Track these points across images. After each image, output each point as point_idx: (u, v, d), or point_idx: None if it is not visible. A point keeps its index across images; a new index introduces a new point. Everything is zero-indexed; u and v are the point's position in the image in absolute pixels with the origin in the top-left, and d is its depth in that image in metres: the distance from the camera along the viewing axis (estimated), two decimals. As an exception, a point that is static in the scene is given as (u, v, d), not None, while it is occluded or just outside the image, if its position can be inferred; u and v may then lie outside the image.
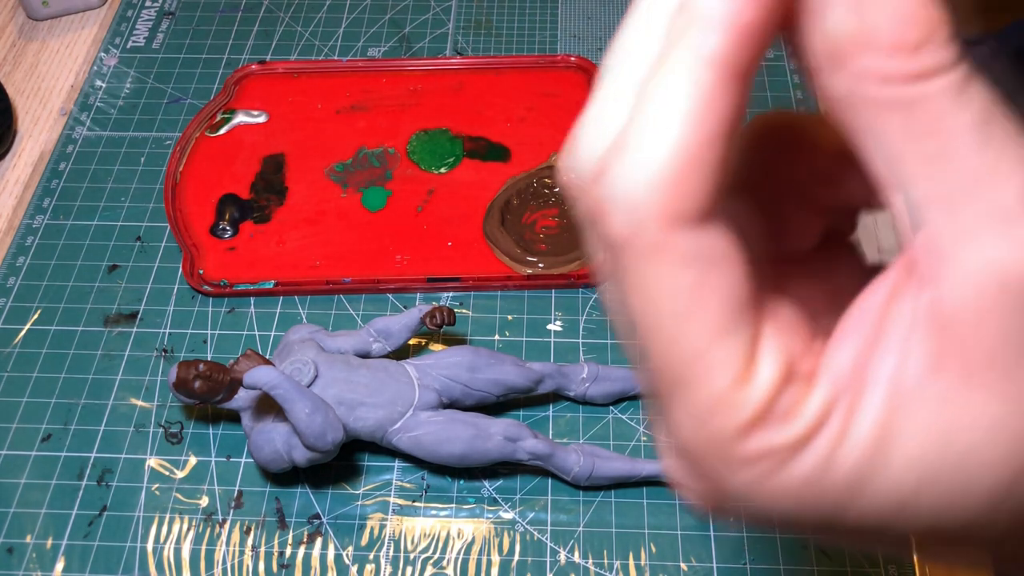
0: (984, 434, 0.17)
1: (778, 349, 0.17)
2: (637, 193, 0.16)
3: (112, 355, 0.53)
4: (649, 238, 0.16)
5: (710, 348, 0.17)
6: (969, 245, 0.16)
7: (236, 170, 0.61)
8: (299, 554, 0.46)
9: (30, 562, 0.46)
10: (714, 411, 0.17)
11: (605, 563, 0.45)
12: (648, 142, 0.16)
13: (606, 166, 0.17)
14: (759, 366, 0.17)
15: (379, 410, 0.45)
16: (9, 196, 0.61)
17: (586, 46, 0.68)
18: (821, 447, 0.17)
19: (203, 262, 0.56)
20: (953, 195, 0.16)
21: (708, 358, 0.17)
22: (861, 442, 0.17)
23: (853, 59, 0.16)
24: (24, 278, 0.56)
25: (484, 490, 0.47)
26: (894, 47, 0.15)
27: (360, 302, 0.55)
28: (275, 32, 0.70)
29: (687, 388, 0.17)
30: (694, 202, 0.16)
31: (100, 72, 0.67)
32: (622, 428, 0.49)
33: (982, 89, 0.16)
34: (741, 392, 0.17)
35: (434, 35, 0.69)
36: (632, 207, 0.16)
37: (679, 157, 0.16)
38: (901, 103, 0.16)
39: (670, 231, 0.16)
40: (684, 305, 0.17)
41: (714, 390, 0.17)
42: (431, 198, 0.59)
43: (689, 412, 0.17)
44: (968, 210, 0.16)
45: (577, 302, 0.54)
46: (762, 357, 0.17)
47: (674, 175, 0.16)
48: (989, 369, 0.16)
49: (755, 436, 0.17)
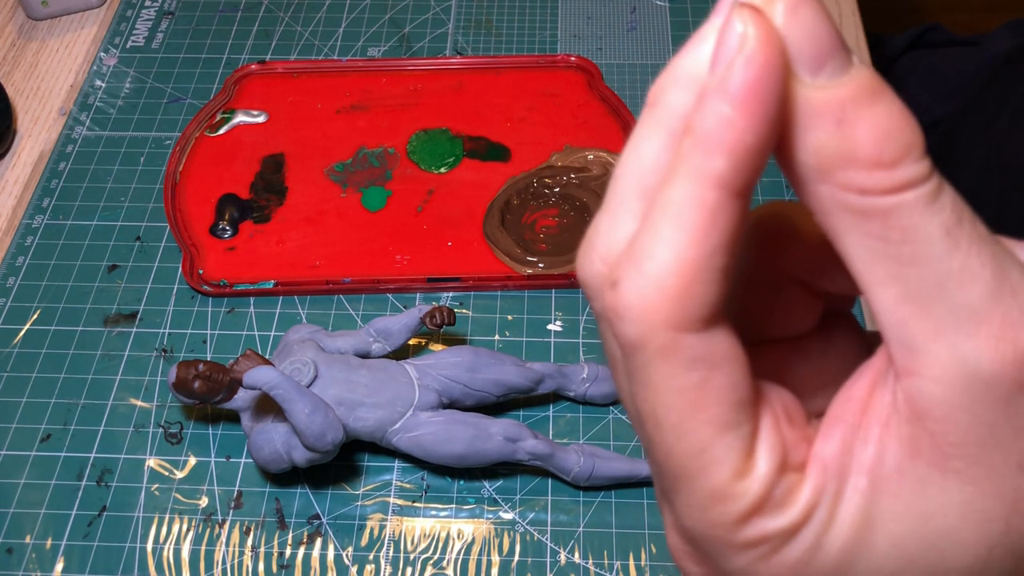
0: (958, 516, 0.18)
1: (773, 442, 0.19)
2: (647, 302, 0.18)
3: (112, 355, 0.53)
4: (657, 342, 0.18)
5: (713, 444, 0.18)
6: (940, 342, 0.17)
7: (236, 170, 0.61)
8: (299, 554, 0.46)
9: (29, 562, 0.46)
10: (715, 501, 0.18)
11: (605, 563, 0.45)
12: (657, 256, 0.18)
13: (619, 276, 0.18)
14: (757, 459, 0.19)
15: (379, 410, 0.45)
16: (9, 196, 0.60)
17: (586, 46, 0.68)
18: (811, 533, 0.18)
19: (203, 262, 0.56)
20: (925, 295, 0.17)
21: (710, 453, 0.18)
22: (846, 527, 0.18)
23: (835, 173, 0.17)
24: (24, 278, 0.56)
25: (484, 490, 0.47)
26: (873, 164, 0.17)
27: (360, 302, 0.55)
28: (275, 32, 0.70)
29: (691, 479, 0.19)
30: (699, 309, 0.18)
31: (100, 72, 0.67)
32: (622, 428, 0.49)
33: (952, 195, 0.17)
34: (740, 484, 0.18)
35: (434, 35, 0.69)
36: (642, 315, 0.18)
37: (685, 270, 0.17)
38: (878, 212, 0.17)
39: (677, 336, 0.18)
40: (689, 404, 0.18)
41: (716, 483, 0.18)
42: (431, 198, 0.59)
43: (692, 501, 0.19)
44: (938, 309, 0.17)
45: (577, 302, 0.54)
46: (759, 451, 0.19)
47: (680, 286, 0.18)
48: (960, 456, 0.18)
49: (752, 524, 0.18)
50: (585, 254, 0.20)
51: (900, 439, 0.18)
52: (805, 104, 0.17)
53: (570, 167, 0.59)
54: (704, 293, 0.18)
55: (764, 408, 0.19)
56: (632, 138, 0.20)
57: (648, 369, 0.18)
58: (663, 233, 0.18)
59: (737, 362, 0.18)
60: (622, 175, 0.20)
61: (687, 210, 0.17)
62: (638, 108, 0.63)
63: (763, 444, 0.19)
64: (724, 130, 0.17)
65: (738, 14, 0.17)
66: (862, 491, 0.18)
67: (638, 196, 0.19)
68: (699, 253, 0.17)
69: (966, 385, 0.17)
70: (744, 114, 0.17)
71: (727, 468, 0.18)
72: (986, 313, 0.17)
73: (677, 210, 0.18)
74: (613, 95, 0.63)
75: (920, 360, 0.18)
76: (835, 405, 0.20)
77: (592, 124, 0.62)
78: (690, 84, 0.19)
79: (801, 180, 0.18)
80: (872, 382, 0.19)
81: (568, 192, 0.58)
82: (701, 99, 0.17)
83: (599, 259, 0.20)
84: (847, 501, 0.18)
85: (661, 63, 0.66)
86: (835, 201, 0.17)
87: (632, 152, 0.20)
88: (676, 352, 0.18)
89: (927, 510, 0.18)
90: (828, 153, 0.17)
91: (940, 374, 0.17)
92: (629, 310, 0.18)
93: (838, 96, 0.17)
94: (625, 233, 0.19)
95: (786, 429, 0.19)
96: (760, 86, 0.17)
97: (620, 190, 0.20)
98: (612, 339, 0.19)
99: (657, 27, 0.69)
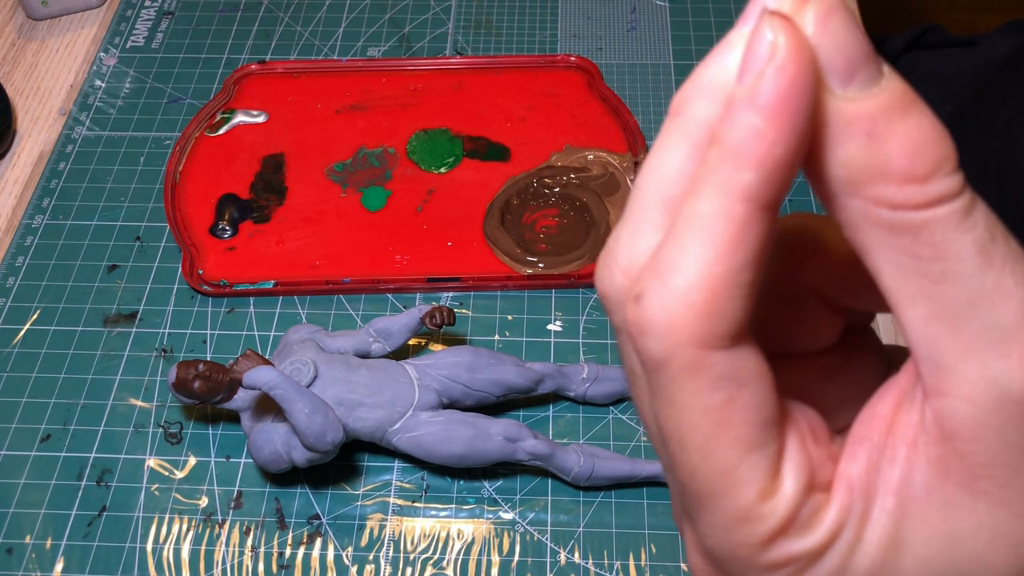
0: (988, 539, 0.18)
1: (800, 462, 0.18)
2: (672, 318, 0.17)
3: (111, 355, 0.53)
4: (684, 359, 0.17)
5: (739, 465, 0.18)
6: (970, 361, 0.17)
7: (236, 170, 0.61)
8: (299, 554, 0.46)
9: (29, 562, 0.45)
10: (741, 522, 0.18)
11: (605, 563, 0.45)
12: (684, 269, 0.17)
13: (643, 290, 0.18)
14: (783, 479, 0.18)
15: (379, 410, 0.45)
16: (8, 196, 0.60)
17: (586, 46, 0.68)
18: (837, 555, 0.18)
19: (203, 262, 0.56)
20: (956, 313, 0.17)
21: (737, 474, 0.18)
22: (873, 548, 0.18)
23: (866, 187, 0.17)
24: (23, 278, 0.56)
25: (484, 490, 0.47)
26: (905, 178, 0.17)
27: (360, 302, 0.55)
28: (275, 32, 0.70)
29: (716, 499, 0.18)
30: (726, 326, 0.17)
31: (99, 72, 0.67)
32: (622, 428, 0.49)
33: (985, 212, 0.17)
34: (766, 505, 0.18)
35: (434, 35, 0.69)
36: (668, 331, 0.17)
37: (713, 285, 0.17)
38: (909, 227, 0.17)
39: (704, 353, 0.17)
40: (715, 423, 0.18)
41: (741, 503, 0.18)
42: (431, 198, 0.59)
43: (717, 522, 0.18)
44: (970, 328, 0.17)
45: (577, 302, 0.54)
46: (786, 471, 0.18)
47: (708, 302, 0.17)
48: (990, 478, 0.17)
49: (778, 546, 0.18)
50: (605, 265, 0.20)
51: (928, 459, 0.18)
52: (835, 116, 0.17)
53: (570, 167, 0.59)
54: (732, 309, 0.17)
55: (790, 427, 0.19)
56: (654, 148, 0.19)
57: (673, 387, 0.18)
58: (690, 247, 0.17)
59: (764, 380, 0.18)
60: (644, 185, 0.19)
61: (715, 223, 0.17)
62: (638, 108, 0.63)
63: (789, 464, 0.18)
64: (754, 142, 0.17)
65: (768, 22, 0.16)
66: (889, 512, 0.18)
67: (661, 208, 0.19)
68: (727, 268, 0.17)
69: (997, 406, 0.17)
70: (774, 126, 0.16)
71: (753, 489, 0.18)
72: (1019, 333, 0.17)
73: (704, 223, 0.17)
74: (613, 95, 0.63)
75: (950, 379, 0.17)
76: (859, 423, 0.19)
77: (592, 124, 0.62)
78: (716, 94, 0.18)
79: (831, 194, 0.17)
80: (898, 400, 0.19)
81: (568, 192, 0.58)
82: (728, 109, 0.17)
83: (620, 272, 0.19)
84: (874, 522, 0.18)
85: (661, 63, 0.66)
86: (865, 216, 0.17)
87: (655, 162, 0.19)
88: (702, 370, 0.17)
89: (955, 532, 0.18)
90: (859, 166, 0.17)
91: (970, 394, 0.17)
92: (653, 326, 0.17)
93: (869, 108, 0.17)
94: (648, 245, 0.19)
95: (812, 448, 0.19)
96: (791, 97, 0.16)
97: (642, 201, 0.19)
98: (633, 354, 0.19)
99: (657, 27, 0.69)
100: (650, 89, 0.65)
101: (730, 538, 0.18)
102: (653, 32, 0.68)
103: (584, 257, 0.55)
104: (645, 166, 0.19)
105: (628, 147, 0.60)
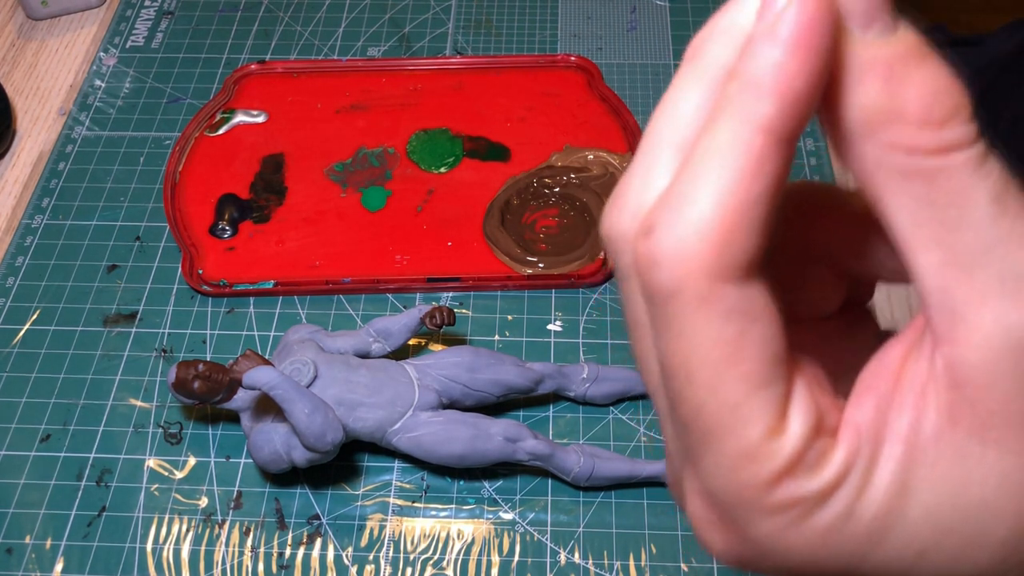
0: (996, 487, 0.18)
1: (806, 405, 0.18)
2: (686, 248, 0.17)
3: (111, 355, 0.53)
4: (696, 290, 0.17)
5: (746, 400, 0.18)
6: (983, 308, 0.17)
7: (235, 170, 0.61)
8: (299, 555, 0.46)
9: (29, 563, 0.45)
10: (746, 460, 0.18)
11: (605, 564, 0.45)
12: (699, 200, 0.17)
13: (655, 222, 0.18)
14: (790, 419, 0.18)
15: (379, 410, 0.45)
16: (8, 196, 0.60)
17: (586, 46, 0.67)
18: (843, 499, 0.18)
19: (202, 262, 0.56)
20: (970, 260, 0.17)
21: (744, 410, 0.18)
22: (880, 494, 0.18)
23: (882, 130, 0.17)
24: (23, 278, 0.56)
25: (484, 490, 0.47)
26: (921, 122, 0.17)
27: (360, 302, 0.55)
28: (275, 32, 0.70)
29: (720, 437, 0.18)
30: (740, 258, 0.17)
31: (99, 72, 0.67)
32: (622, 428, 0.49)
33: (999, 164, 0.17)
34: (773, 444, 0.18)
35: (434, 35, 0.69)
36: (681, 260, 0.17)
37: (728, 215, 0.17)
38: (924, 173, 0.17)
39: (715, 285, 0.17)
40: (724, 357, 0.18)
41: (748, 441, 0.18)
42: (431, 198, 0.59)
43: (721, 461, 0.18)
44: (983, 275, 0.17)
45: (577, 302, 0.54)
46: (793, 411, 0.18)
47: (723, 232, 0.17)
48: (1001, 425, 0.17)
49: (784, 486, 0.18)
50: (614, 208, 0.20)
51: (938, 407, 0.18)
52: (854, 60, 0.17)
53: (570, 167, 0.59)
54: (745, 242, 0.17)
55: (797, 372, 0.19)
56: (669, 92, 0.19)
57: (683, 319, 0.18)
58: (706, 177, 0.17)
59: (773, 318, 0.18)
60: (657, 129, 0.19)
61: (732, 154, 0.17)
62: (638, 108, 0.63)
63: (796, 405, 0.18)
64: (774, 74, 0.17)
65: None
66: (897, 459, 0.18)
67: (674, 150, 0.19)
68: (743, 199, 0.17)
69: (1009, 353, 0.17)
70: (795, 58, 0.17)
71: (760, 426, 0.18)
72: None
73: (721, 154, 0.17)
74: (613, 95, 0.63)
75: (962, 327, 0.17)
76: (865, 375, 0.19)
77: (592, 124, 0.62)
78: (734, 37, 0.18)
79: (845, 139, 0.18)
80: (905, 352, 0.19)
81: (568, 192, 0.58)
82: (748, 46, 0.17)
83: (630, 214, 0.19)
84: (881, 468, 0.18)
85: (661, 63, 0.66)
86: (880, 161, 0.17)
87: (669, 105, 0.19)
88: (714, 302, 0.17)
89: (964, 479, 0.18)
90: (876, 110, 0.17)
91: (982, 341, 0.17)
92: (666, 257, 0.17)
93: (887, 54, 0.17)
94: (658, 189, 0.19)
95: (818, 394, 0.19)
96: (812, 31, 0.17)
97: (655, 144, 0.19)
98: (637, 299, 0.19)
99: (657, 27, 0.69)
100: (650, 89, 0.65)
101: (735, 478, 0.18)
102: (653, 32, 0.68)
103: (584, 257, 0.55)
104: (657, 110, 0.19)
105: (628, 147, 0.60)
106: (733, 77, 0.17)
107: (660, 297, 0.18)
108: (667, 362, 0.18)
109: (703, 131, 0.18)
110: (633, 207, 0.19)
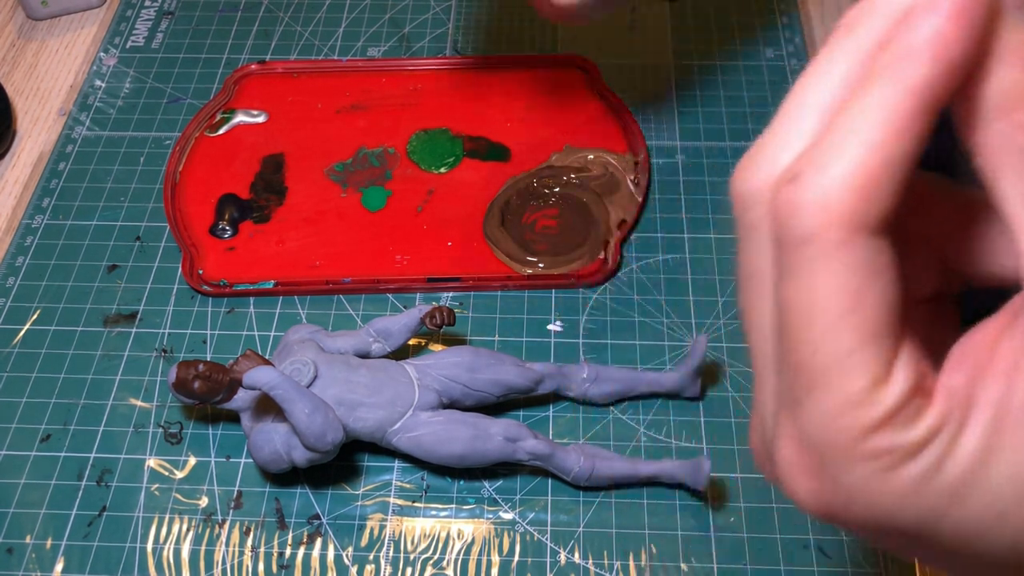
0: None
1: (911, 363, 0.20)
2: (831, 195, 0.18)
3: (111, 355, 0.53)
4: (832, 238, 0.18)
5: (860, 348, 0.19)
6: None
7: (236, 170, 0.61)
8: (299, 555, 0.46)
9: (29, 563, 0.45)
10: (850, 406, 0.19)
11: (605, 564, 0.45)
12: (847, 152, 0.18)
13: (800, 171, 0.19)
14: (895, 373, 0.19)
15: (379, 410, 0.45)
16: (8, 196, 0.60)
17: (586, 46, 0.67)
18: (932, 454, 0.19)
19: (203, 262, 0.56)
20: None
21: (856, 357, 0.19)
22: (967, 456, 0.19)
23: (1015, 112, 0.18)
24: (23, 278, 0.56)
25: (484, 490, 0.47)
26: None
27: (360, 302, 0.55)
28: (275, 32, 0.70)
29: (829, 381, 0.19)
30: (878, 212, 0.18)
31: (99, 72, 0.67)
32: (622, 428, 0.49)
33: None
34: (877, 393, 0.19)
35: (434, 35, 0.69)
36: (823, 207, 0.18)
37: (873, 170, 0.18)
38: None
39: (851, 235, 0.18)
40: (846, 305, 0.19)
41: (854, 387, 0.19)
42: (431, 198, 0.59)
43: (825, 404, 0.19)
44: None
45: (577, 302, 0.54)
46: (898, 366, 0.19)
47: (866, 185, 0.18)
48: None
49: (880, 435, 0.19)
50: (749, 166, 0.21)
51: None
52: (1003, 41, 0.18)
53: (570, 167, 0.59)
54: (885, 198, 0.18)
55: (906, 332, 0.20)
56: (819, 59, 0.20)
57: (814, 264, 0.19)
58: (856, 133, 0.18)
59: (894, 276, 0.19)
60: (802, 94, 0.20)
61: (884, 113, 0.18)
62: (638, 108, 0.63)
63: (902, 361, 0.19)
64: (932, 39, 0.18)
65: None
66: (985, 425, 0.19)
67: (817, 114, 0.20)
68: (888, 156, 0.18)
69: None
70: (955, 26, 0.18)
71: (868, 375, 0.19)
72: None
73: (873, 112, 0.18)
74: (613, 95, 0.63)
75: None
76: (958, 348, 0.20)
77: (592, 124, 0.62)
78: (891, 14, 0.19)
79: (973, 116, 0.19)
80: (1000, 329, 0.20)
81: (568, 192, 0.58)
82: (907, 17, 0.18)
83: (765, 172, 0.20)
84: (970, 432, 0.19)
85: (661, 63, 0.66)
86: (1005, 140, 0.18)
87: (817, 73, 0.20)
88: (846, 252, 0.18)
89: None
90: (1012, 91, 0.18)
91: None
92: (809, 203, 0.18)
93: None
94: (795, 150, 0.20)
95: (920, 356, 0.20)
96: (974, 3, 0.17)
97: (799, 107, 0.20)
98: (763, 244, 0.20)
99: (657, 27, 0.69)
100: (650, 89, 0.65)
101: (836, 423, 0.19)
102: (653, 32, 0.68)
103: (584, 257, 0.55)
104: (805, 76, 0.20)
105: (628, 147, 0.60)
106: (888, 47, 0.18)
107: (795, 243, 0.19)
108: (790, 305, 0.20)
109: (854, 93, 0.19)
110: (769, 165, 0.20)
